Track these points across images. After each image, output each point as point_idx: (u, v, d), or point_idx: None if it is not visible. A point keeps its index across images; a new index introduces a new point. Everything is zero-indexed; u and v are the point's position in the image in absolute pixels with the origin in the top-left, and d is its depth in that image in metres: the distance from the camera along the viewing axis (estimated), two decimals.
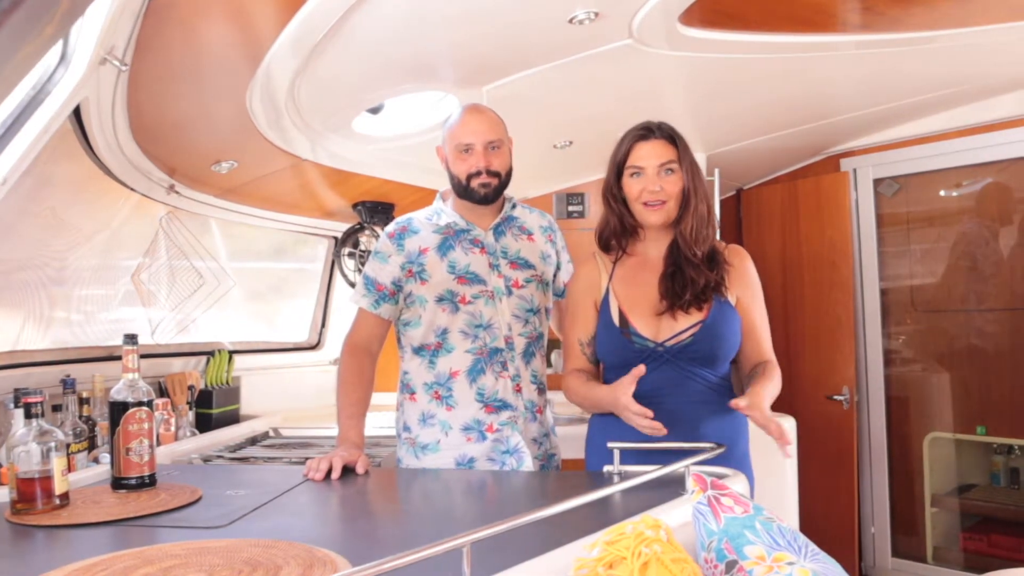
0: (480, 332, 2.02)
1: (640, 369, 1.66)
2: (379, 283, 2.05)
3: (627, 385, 1.65)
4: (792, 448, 1.74)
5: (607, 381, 1.87)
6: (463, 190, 2.02)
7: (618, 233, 1.91)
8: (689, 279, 1.81)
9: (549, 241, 2.19)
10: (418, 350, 2.06)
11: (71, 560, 1.16)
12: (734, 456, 1.74)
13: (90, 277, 2.61)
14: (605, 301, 1.88)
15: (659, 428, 1.64)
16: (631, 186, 1.85)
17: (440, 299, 2.01)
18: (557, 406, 2.41)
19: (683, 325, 1.80)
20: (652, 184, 1.82)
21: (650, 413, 1.64)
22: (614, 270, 1.91)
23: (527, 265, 2.09)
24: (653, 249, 1.90)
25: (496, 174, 2.00)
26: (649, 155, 1.83)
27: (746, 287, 1.88)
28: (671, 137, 1.85)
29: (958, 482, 3.59)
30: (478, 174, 1.98)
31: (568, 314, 1.97)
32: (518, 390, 2.04)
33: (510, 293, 2.05)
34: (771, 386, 1.75)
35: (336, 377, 2.09)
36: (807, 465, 3.14)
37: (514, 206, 2.15)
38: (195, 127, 2.28)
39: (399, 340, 2.13)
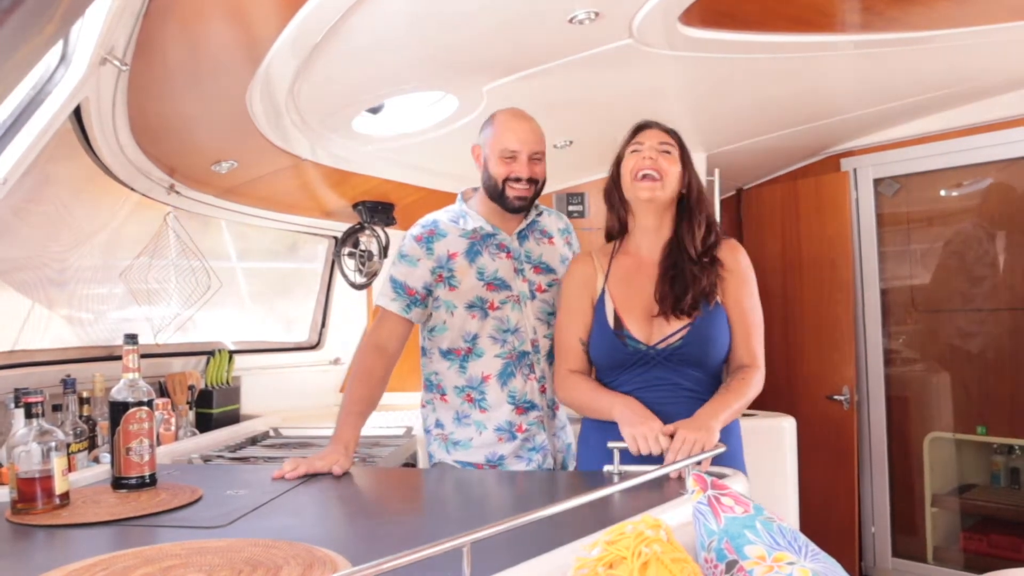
0: (508, 337, 2.05)
1: (667, 428, 1.66)
2: (409, 287, 2.04)
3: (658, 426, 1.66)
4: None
5: (601, 382, 1.89)
6: (498, 194, 2.03)
7: (616, 232, 1.97)
8: (691, 279, 1.81)
9: (567, 244, 2.22)
10: (446, 354, 2.08)
11: (71, 560, 1.16)
12: (724, 455, 1.70)
13: (90, 277, 2.61)
14: (601, 301, 1.88)
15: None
16: (627, 164, 1.87)
17: (470, 306, 2.03)
18: None
19: (674, 327, 1.80)
20: (649, 152, 1.84)
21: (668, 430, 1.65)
22: (610, 269, 1.92)
23: (549, 269, 2.12)
24: (645, 249, 1.91)
25: (534, 182, 2.02)
26: (649, 136, 1.88)
27: (735, 281, 1.87)
28: (671, 131, 1.91)
29: (958, 482, 3.58)
30: (517, 180, 1.99)
31: (563, 311, 1.96)
32: (543, 391, 2.08)
33: (534, 297, 2.08)
34: (726, 410, 1.73)
35: (347, 372, 2.09)
36: (807, 465, 3.14)
37: (540, 212, 2.17)
38: (195, 127, 2.28)
39: (423, 342, 2.14)
